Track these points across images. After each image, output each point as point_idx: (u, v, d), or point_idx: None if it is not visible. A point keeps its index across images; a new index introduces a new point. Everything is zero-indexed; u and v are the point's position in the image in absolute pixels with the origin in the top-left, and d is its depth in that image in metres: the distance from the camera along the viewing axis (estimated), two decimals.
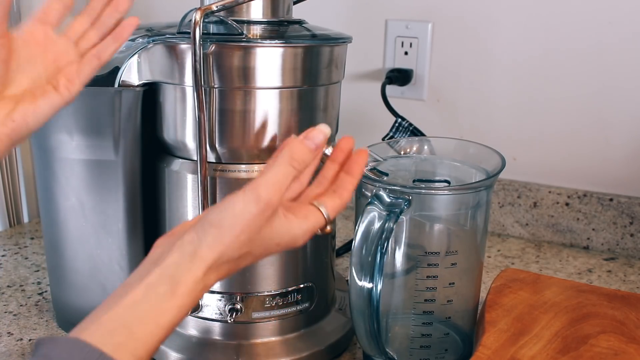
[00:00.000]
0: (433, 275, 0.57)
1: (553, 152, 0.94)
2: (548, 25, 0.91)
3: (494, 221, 0.98)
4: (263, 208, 0.41)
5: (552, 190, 0.94)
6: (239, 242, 0.42)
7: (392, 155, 0.65)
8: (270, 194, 0.41)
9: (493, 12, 0.93)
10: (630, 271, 0.86)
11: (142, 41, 0.59)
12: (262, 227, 0.42)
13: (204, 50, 0.55)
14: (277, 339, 0.63)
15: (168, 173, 0.62)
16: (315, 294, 0.64)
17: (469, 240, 0.60)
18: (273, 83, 0.57)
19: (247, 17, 0.59)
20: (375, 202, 0.54)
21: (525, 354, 0.55)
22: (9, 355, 0.65)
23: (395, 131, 0.84)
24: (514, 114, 0.95)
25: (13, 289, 0.79)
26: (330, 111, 0.64)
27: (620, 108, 0.89)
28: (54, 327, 0.70)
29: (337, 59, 0.62)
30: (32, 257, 0.89)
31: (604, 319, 0.61)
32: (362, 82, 1.03)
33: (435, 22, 0.97)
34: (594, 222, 0.92)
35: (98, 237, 0.64)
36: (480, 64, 0.96)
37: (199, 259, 0.41)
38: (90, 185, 0.63)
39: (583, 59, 0.90)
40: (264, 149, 0.59)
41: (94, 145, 0.61)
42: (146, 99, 0.61)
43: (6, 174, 0.99)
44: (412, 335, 0.59)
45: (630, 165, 0.91)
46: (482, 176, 0.60)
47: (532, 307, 0.63)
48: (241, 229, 0.41)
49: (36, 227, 1.01)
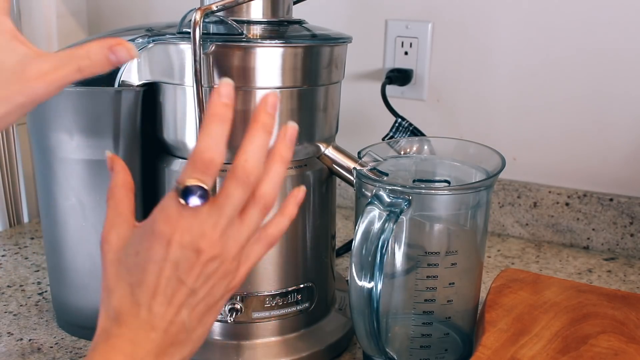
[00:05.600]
0: (433, 275, 0.57)
1: (553, 152, 0.94)
2: (548, 25, 0.91)
3: (494, 221, 0.98)
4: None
5: (552, 190, 0.94)
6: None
7: (392, 155, 0.65)
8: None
9: (493, 12, 0.93)
10: (630, 271, 0.86)
11: (142, 41, 0.59)
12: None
13: (204, 50, 0.55)
14: (277, 339, 0.63)
15: (168, 173, 0.62)
16: (315, 294, 0.64)
17: (469, 240, 0.60)
18: (273, 83, 0.57)
19: (247, 17, 0.59)
20: (375, 202, 0.54)
21: (525, 354, 0.55)
22: (9, 355, 0.65)
23: (395, 131, 0.84)
24: (514, 114, 0.95)
25: (13, 289, 0.79)
26: (330, 111, 0.64)
27: (620, 108, 0.89)
28: (54, 327, 0.70)
29: (337, 59, 0.62)
30: (32, 257, 0.89)
31: (604, 319, 0.61)
32: (362, 82, 1.03)
33: (435, 22, 0.97)
34: (594, 222, 0.92)
35: (98, 237, 0.64)
36: (480, 64, 0.96)
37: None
38: (90, 185, 0.63)
39: (583, 59, 0.90)
40: None
41: (94, 145, 0.61)
42: (146, 99, 0.61)
43: (6, 174, 0.99)
44: (412, 335, 0.59)
45: (630, 165, 0.91)
46: (482, 176, 0.60)
47: (532, 307, 0.63)
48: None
49: (36, 227, 1.01)
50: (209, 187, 0.39)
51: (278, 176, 0.42)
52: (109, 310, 0.40)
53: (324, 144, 0.64)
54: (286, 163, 0.43)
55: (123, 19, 1.17)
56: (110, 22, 1.18)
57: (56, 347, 0.67)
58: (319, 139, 0.63)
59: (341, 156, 0.64)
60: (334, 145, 0.65)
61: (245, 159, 0.41)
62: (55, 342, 0.67)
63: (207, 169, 0.39)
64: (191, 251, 0.39)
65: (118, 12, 1.17)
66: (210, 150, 0.39)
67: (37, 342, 0.67)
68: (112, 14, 1.18)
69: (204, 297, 0.41)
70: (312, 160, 0.63)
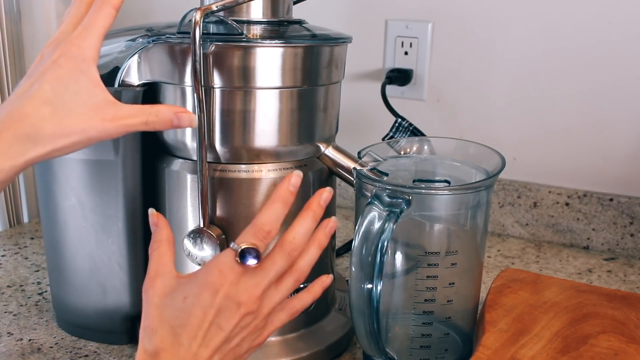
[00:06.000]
0: (433, 275, 0.57)
1: (553, 152, 0.94)
2: (548, 25, 0.91)
3: (494, 221, 0.98)
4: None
5: (552, 190, 0.94)
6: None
7: (392, 155, 0.65)
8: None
9: (493, 12, 0.93)
10: (630, 271, 0.86)
11: (142, 41, 0.59)
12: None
13: (204, 50, 0.55)
14: (276, 339, 0.63)
15: (168, 173, 0.62)
16: None
17: (469, 240, 0.60)
18: (273, 83, 0.57)
19: (247, 17, 0.59)
20: (375, 202, 0.54)
21: (525, 354, 0.55)
22: (9, 355, 0.65)
23: (395, 131, 0.84)
24: (514, 114, 0.95)
25: (13, 289, 0.79)
26: (330, 111, 0.64)
27: (620, 108, 0.89)
28: (54, 327, 0.70)
29: (337, 59, 0.62)
30: (32, 257, 0.89)
31: (604, 319, 0.61)
32: (362, 82, 1.03)
33: (435, 22, 0.97)
34: (594, 222, 0.92)
35: (98, 237, 0.64)
36: (481, 64, 0.96)
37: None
38: (90, 185, 0.63)
39: (583, 59, 0.90)
40: (264, 149, 0.59)
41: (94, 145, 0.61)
42: (146, 99, 0.61)
43: None
44: (412, 335, 0.59)
45: (630, 165, 0.91)
46: (482, 176, 0.60)
47: (532, 307, 0.63)
48: None
49: (36, 227, 1.01)
50: (262, 252, 0.46)
51: (313, 256, 0.49)
52: (149, 346, 0.45)
53: (324, 144, 0.64)
54: (322, 248, 0.50)
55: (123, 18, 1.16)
56: None
57: (56, 347, 0.67)
58: (319, 139, 0.63)
59: (341, 156, 0.64)
60: (334, 145, 0.65)
61: (294, 237, 0.48)
62: (55, 342, 0.68)
63: (264, 238, 0.46)
64: (234, 302, 0.45)
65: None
66: (270, 224, 0.47)
67: (37, 342, 0.67)
68: None
69: (234, 347, 0.47)
70: (312, 160, 0.63)
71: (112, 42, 0.61)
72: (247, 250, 0.45)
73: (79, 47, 0.47)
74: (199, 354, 0.44)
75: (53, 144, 0.45)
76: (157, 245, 0.49)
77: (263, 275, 0.46)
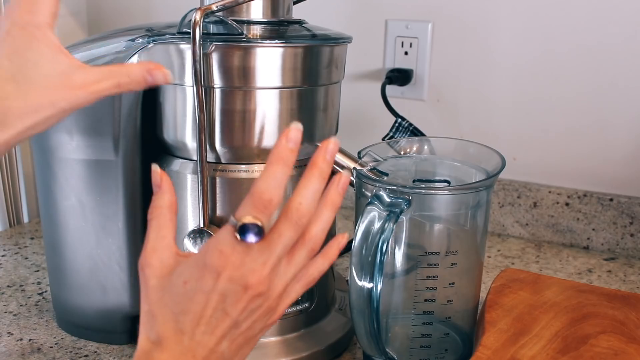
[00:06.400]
0: (433, 275, 0.57)
1: (553, 152, 0.94)
2: (548, 25, 0.91)
3: (494, 221, 0.98)
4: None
5: (552, 190, 0.94)
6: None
7: (392, 155, 0.65)
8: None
9: (493, 12, 0.93)
10: (630, 271, 0.86)
11: (142, 41, 0.59)
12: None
13: (204, 50, 0.55)
14: (277, 339, 0.63)
15: (168, 173, 0.61)
16: (315, 294, 0.64)
17: (469, 240, 0.60)
18: (273, 83, 0.57)
19: (247, 17, 0.59)
20: (375, 202, 0.54)
21: (525, 354, 0.55)
22: (9, 355, 0.65)
23: (395, 131, 0.84)
24: (514, 114, 0.95)
25: (13, 289, 0.79)
26: (330, 111, 0.64)
27: (620, 108, 0.89)
28: (54, 327, 0.70)
29: (337, 59, 0.62)
30: (32, 257, 0.89)
31: (604, 319, 0.61)
32: (362, 82, 1.03)
33: (435, 22, 0.97)
34: (594, 222, 0.92)
35: (98, 237, 0.64)
36: (480, 64, 0.96)
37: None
38: (90, 185, 0.63)
39: (583, 59, 0.90)
40: (264, 149, 0.59)
41: (94, 145, 0.62)
42: (146, 99, 0.61)
43: (6, 174, 0.99)
44: (412, 335, 0.59)
45: (630, 165, 0.91)
46: (482, 176, 0.60)
47: (532, 307, 0.63)
48: None
49: (36, 227, 1.01)
50: (265, 225, 0.40)
51: (327, 220, 0.43)
52: (151, 333, 0.42)
53: None
54: (336, 209, 0.44)
55: (123, 18, 1.17)
56: (110, 22, 1.18)
57: (56, 347, 0.67)
58: (319, 139, 0.63)
59: (341, 156, 0.64)
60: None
61: (300, 202, 0.41)
62: (55, 342, 0.68)
63: (265, 209, 0.40)
64: (240, 286, 0.41)
65: (118, 12, 1.17)
66: (270, 190, 0.40)
67: (37, 342, 0.67)
68: (112, 13, 1.18)
69: (245, 331, 0.43)
70: None
71: (112, 42, 0.61)
72: (247, 226, 0.39)
73: (30, 11, 0.42)
74: (204, 342, 0.41)
75: (23, 123, 0.41)
76: (157, 213, 0.44)
77: (270, 251, 0.41)
